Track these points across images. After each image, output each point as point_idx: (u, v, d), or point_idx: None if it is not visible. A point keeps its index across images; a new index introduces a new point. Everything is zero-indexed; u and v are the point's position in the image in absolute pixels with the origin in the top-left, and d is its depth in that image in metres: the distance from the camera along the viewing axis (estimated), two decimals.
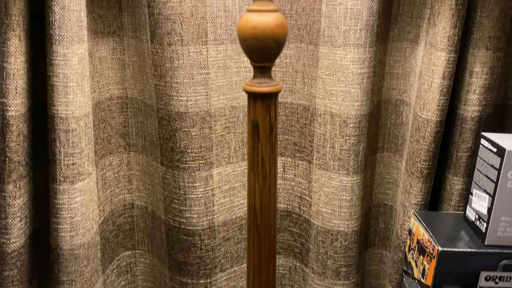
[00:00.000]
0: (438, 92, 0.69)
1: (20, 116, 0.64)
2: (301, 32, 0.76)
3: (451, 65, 0.67)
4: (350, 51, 0.70)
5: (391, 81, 0.81)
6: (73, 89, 0.65)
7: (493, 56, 0.69)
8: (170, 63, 0.70)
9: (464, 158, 0.73)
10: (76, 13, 0.63)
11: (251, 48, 0.50)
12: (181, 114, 0.73)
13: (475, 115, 0.71)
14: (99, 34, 0.75)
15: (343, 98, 0.73)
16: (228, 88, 0.77)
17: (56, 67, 0.63)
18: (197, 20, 0.70)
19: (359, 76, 0.71)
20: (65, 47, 0.63)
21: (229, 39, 0.74)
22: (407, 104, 0.80)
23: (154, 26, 0.69)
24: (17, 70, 0.62)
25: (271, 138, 0.53)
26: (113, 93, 0.79)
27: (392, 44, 0.79)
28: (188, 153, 0.75)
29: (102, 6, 0.74)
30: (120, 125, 0.82)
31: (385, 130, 0.84)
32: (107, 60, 0.77)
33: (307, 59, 0.77)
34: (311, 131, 0.79)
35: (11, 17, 0.60)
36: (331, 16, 0.71)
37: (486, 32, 0.68)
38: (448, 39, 0.66)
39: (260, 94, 0.52)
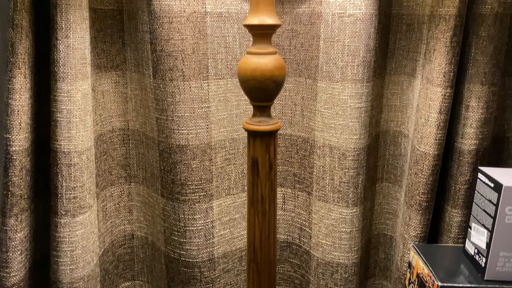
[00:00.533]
0: (435, 126, 0.70)
1: (23, 151, 0.65)
2: (300, 67, 0.78)
3: (447, 100, 0.69)
4: (348, 86, 0.72)
5: (389, 113, 0.82)
6: (76, 124, 0.66)
7: (488, 91, 0.70)
8: (171, 98, 0.72)
9: (462, 191, 0.74)
10: (80, 51, 0.65)
11: (251, 89, 0.52)
12: (182, 147, 0.74)
13: (472, 148, 0.72)
14: (102, 69, 0.77)
15: (341, 131, 0.74)
16: (228, 121, 0.78)
17: (60, 103, 0.64)
18: (199, 57, 0.72)
19: (357, 110, 0.72)
20: (69, 84, 0.64)
21: (229, 73, 0.76)
22: (405, 135, 0.81)
23: (157, 62, 0.71)
24: (21, 106, 0.63)
25: (271, 175, 0.54)
26: (115, 125, 0.81)
27: (389, 77, 0.80)
28: (189, 185, 0.75)
29: (105, 42, 0.76)
30: (121, 157, 0.83)
31: (384, 161, 0.85)
32: (109, 93, 0.79)
33: (306, 93, 0.78)
34: (310, 162, 0.80)
35: (17, 55, 0.62)
36: (328, 52, 0.73)
37: (481, 68, 0.69)
38: (444, 75, 0.68)
39: (259, 133, 0.53)
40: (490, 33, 0.67)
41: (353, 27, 0.69)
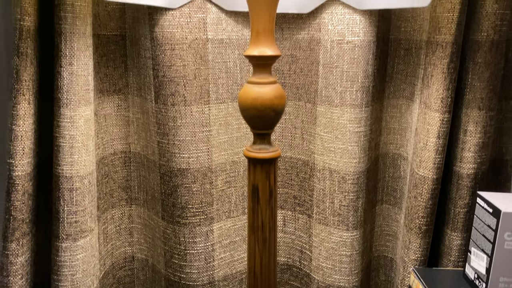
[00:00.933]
0: (434, 151, 0.71)
1: (26, 176, 0.66)
2: (300, 91, 0.79)
3: (445, 125, 0.70)
4: (347, 110, 0.73)
5: (388, 136, 0.83)
6: (79, 149, 0.67)
7: (485, 116, 0.71)
8: (173, 122, 0.73)
9: (461, 214, 0.74)
10: (83, 77, 0.66)
11: (252, 118, 0.52)
12: (183, 170, 0.74)
13: (470, 172, 0.73)
14: (104, 93, 0.78)
15: (341, 155, 0.75)
16: (229, 144, 0.79)
17: (63, 129, 0.65)
18: (200, 82, 0.73)
19: (356, 135, 0.73)
20: (72, 110, 0.65)
21: (230, 97, 0.77)
22: (404, 158, 0.82)
23: (159, 88, 0.72)
24: (25, 132, 0.64)
25: (271, 202, 0.55)
26: (116, 148, 0.81)
27: (388, 101, 0.81)
28: (189, 208, 0.76)
29: (108, 66, 0.77)
30: (122, 179, 0.83)
31: (384, 183, 0.85)
32: (111, 116, 0.80)
33: (305, 116, 0.79)
34: (310, 185, 0.80)
35: (22, 82, 0.63)
36: (328, 78, 0.74)
37: (478, 94, 0.70)
38: (442, 100, 0.69)
39: (260, 160, 0.54)
40: (487, 59, 0.69)
41: (351, 53, 0.71)
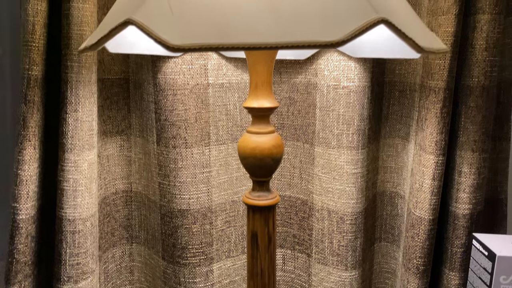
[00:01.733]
0: (429, 192, 0.72)
1: (30, 219, 0.67)
2: (298, 132, 0.81)
3: (440, 167, 0.71)
4: (344, 152, 0.75)
5: (385, 175, 0.84)
6: (82, 192, 0.68)
7: (479, 158, 0.73)
8: (174, 164, 0.74)
9: (459, 254, 0.75)
10: (88, 123, 0.68)
11: (251, 166, 0.54)
12: (183, 211, 0.76)
13: (466, 213, 0.74)
14: (107, 134, 0.80)
15: (339, 195, 0.76)
16: (229, 184, 0.80)
17: (67, 173, 0.67)
18: (201, 125, 0.75)
19: (353, 176, 0.75)
20: (76, 154, 0.67)
21: (230, 138, 0.79)
22: (402, 196, 0.83)
23: (161, 130, 0.74)
24: (30, 176, 0.66)
25: (270, 248, 0.56)
26: (118, 187, 0.83)
27: (384, 140, 0.83)
28: (189, 249, 0.77)
29: (111, 109, 0.80)
30: (123, 218, 0.84)
31: (382, 221, 0.86)
32: (114, 157, 0.81)
33: (303, 156, 0.81)
34: (309, 225, 0.82)
35: (28, 129, 0.65)
36: (324, 120, 0.76)
37: (471, 136, 0.72)
38: (436, 143, 0.71)
39: (259, 207, 0.55)
40: (478, 104, 0.71)
41: (347, 98, 0.73)
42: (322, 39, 0.34)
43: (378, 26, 0.35)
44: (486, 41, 0.69)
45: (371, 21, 0.35)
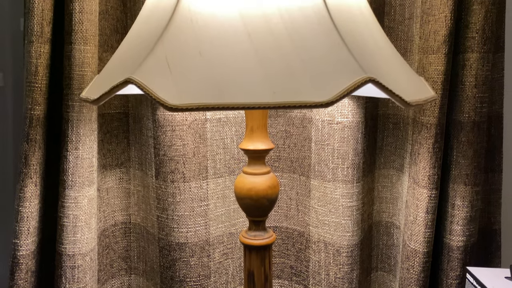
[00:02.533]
0: (424, 225, 0.73)
1: (30, 254, 0.68)
2: (294, 164, 0.82)
3: (433, 201, 0.73)
4: (339, 186, 0.76)
5: (380, 205, 0.86)
6: (81, 228, 0.69)
7: (471, 191, 0.74)
8: (172, 198, 0.76)
9: (454, 286, 0.76)
10: (88, 160, 0.70)
11: (247, 206, 0.56)
12: (181, 244, 0.77)
13: (460, 245, 0.75)
14: (107, 167, 0.81)
15: (335, 228, 0.77)
16: (226, 216, 0.81)
17: (67, 209, 0.68)
18: (199, 159, 0.76)
19: (349, 209, 0.76)
20: (76, 191, 0.68)
21: (227, 171, 0.81)
22: (397, 227, 0.84)
23: (159, 165, 0.75)
24: (30, 212, 0.67)
25: (266, 287, 0.57)
26: (117, 219, 0.84)
27: (379, 171, 0.85)
28: (187, 282, 0.77)
29: (111, 142, 0.81)
30: (122, 249, 0.85)
31: (378, 251, 0.87)
32: (113, 189, 0.83)
33: (300, 189, 0.82)
34: (306, 256, 0.82)
35: (30, 167, 0.66)
36: (320, 154, 0.78)
37: (463, 170, 0.74)
38: (429, 178, 0.72)
39: (255, 247, 0.56)
40: (469, 138, 0.73)
41: (341, 133, 0.75)
42: (312, 99, 0.36)
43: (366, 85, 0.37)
44: (476, 79, 0.71)
45: (359, 81, 0.37)
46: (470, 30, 0.71)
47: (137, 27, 0.48)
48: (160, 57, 0.39)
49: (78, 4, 0.65)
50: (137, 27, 0.48)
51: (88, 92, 0.50)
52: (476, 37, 0.70)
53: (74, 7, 0.65)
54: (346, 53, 0.39)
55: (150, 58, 0.39)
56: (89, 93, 0.49)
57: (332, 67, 0.38)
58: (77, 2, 0.65)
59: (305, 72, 0.37)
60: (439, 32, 0.69)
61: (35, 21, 0.64)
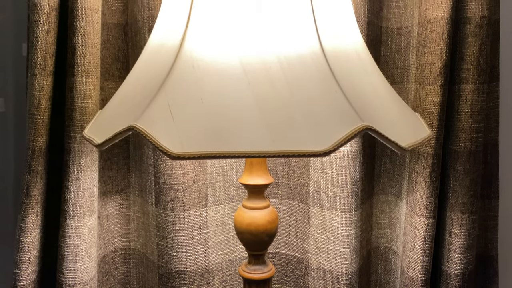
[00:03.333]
0: (421, 254, 0.74)
1: (30, 284, 0.68)
2: (293, 191, 0.83)
3: (430, 229, 0.73)
4: (338, 214, 0.77)
5: (379, 230, 0.86)
6: (82, 257, 0.70)
7: (468, 219, 0.75)
8: (172, 226, 0.76)
9: None
10: (89, 190, 0.70)
11: (247, 241, 0.56)
12: (181, 272, 0.77)
13: (458, 272, 0.75)
14: (107, 194, 0.82)
15: (334, 256, 0.78)
16: (225, 244, 0.82)
17: (68, 239, 0.69)
18: (198, 187, 0.77)
19: (347, 237, 0.77)
20: (77, 221, 0.69)
21: (227, 198, 0.81)
22: (395, 252, 0.85)
23: (159, 193, 0.76)
24: (31, 242, 0.68)
25: None
26: (117, 245, 0.84)
27: (377, 197, 0.86)
28: None
29: (112, 169, 0.82)
30: (122, 275, 0.85)
31: (377, 276, 0.87)
32: (113, 216, 0.83)
33: (299, 215, 0.83)
34: (305, 283, 0.83)
35: (31, 197, 0.67)
36: (318, 182, 0.78)
37: (459, 198, 0.75)
38: (426, 206, 0.73)
39: (255, 281, 0.57)
40: (466, 167, 0.74)
41: (339, 162, 0.76)
42: (310, 148, 0.37)
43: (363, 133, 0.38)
44: (471, 109, 0.72)
45: (356, 129, 0.38)
46: (465, 62, 0.72)
47: (140, 69, 0.49)
48: (162, 104, 0.40)
49: (81, 38, 0.66)
50: (140, 68, 0.50)
51: (91, 130, 0.51)
52: (471, 69, 0.72)
53: (77, 41, 0.66)
54: (343, 101, 0.40)
55: (153, 105, 0.40)
56: (92, 131, 0.50)
57: (330, 115, 0.39)
58: (80, 36, 0.66)
59: (304, 121, 0.38)
60: (434, 64, 0.71)
61: (38, 54, 0.65)
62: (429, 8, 0.71)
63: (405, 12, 0.80)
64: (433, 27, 0.71)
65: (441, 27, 0.70)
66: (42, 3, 0.65)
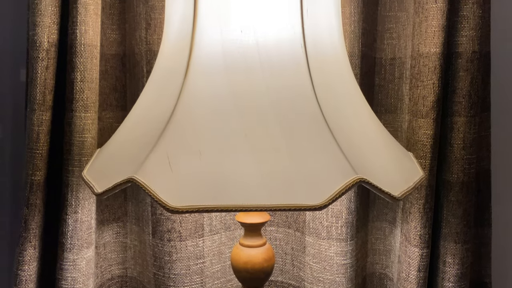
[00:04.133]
0: (416, 283, 0.75)
1: None
2: (289, 220, 0.84)
3: (424, 259, 0.74)
4: (333, 244, 0.78)
5: (374, 257, 0.87)
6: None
7: (462, 249, 0.76)
8: (169, 257, 0.77)
9: None
10: (87, 223, 0.71)
11: (244, 279, 0.57)
12: None
13: None
14: (104, 223, 0.82)
15: (329, 285, 0.79)
16: (222, 273, 0.82)
17: (65, 272, 0.69)
18: (195, 217, 0.78)
19: (343, 267, 0.78)
20: (75, 253, 0.69)
21: (223, 228, 0.82)
22: (390, 279, 0.86)
23: (156, 224, 0.77)
24: (29, 275, 0.68)
25: None
26: (114, 273, 0.85)
27: (372, 224, 0.86)
28: None
29: (109, 198, 0.82)
30: None
31: None
32: (110, 244, 0.84)
33: (295, 244, 0.84)
34: None
35: (29, 231, 0.67)
36: (314, 212, 0.79)
37: (453, 228, 0.76)
38: (420, 237, 0.74)
39: None
40: (459, 198, 0.75)
41: None
42: (306, 202, 0.38)
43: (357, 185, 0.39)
44: (463, 141, 0.74)
45: (350, 182, 0.39)
46: (457, 95, 0.73)
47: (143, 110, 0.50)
48: (161, 154, 0.41)
49: (79, 73, 0.67)
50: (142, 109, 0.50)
51: (90, 172, 0.52)
52: (463, 102, 0.73)
53: (76, 76, 0.67)
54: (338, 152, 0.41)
55: (152, 155, 0.41)
56: (91, 173, 0.51)
57: (325, 168, 0.40)
58: (79, 71, 0.67)
59: (299, 174, 0.39)
60: (427, 98, 0.72)
61: (37, 90, 0.66)
62: (422, 43, 0.73)
63: (398, 43, 0.82)
64: (425, 61, 0.72)
65: (434, 62, 0.71)
66: (41, 39, 0.66)
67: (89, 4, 0.67)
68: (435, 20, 0.71)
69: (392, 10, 0.82)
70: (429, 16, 0.71)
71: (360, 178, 0.39)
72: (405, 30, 0.80)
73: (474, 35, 0.72)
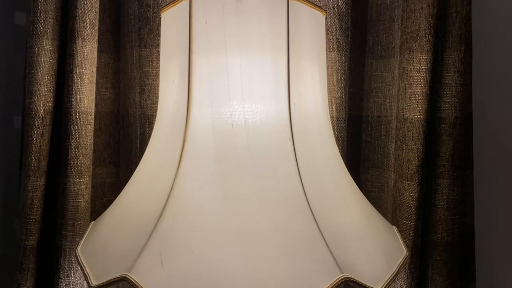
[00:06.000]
0: None
1: None
2: None
3: None
4: None
5: None
6: None
7: None
8: None
9: None
10: (79, 285, 0.71)
11: None
12: None
13: None
14: None
15: None
16: None
17: None
18: None
19: None
20: None
21: None
22: None
23: None
24: None
25: None
26: None
27: None
28: None
29: None
30: None
31: None
32: None
33: None
34: None
35: None
36: None
37: (438, 287, 0.78)
38: None
39: None
40: (443, 257, 0.77)
41: None
42: None
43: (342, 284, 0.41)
44: (447, 202, 0.76)
45: (336, 282, 0.41)
46: (440, 159, 0.76)
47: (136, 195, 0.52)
48: (154, 251, 0.43)
49: (74, 140, 0.69)
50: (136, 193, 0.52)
51: (84, 251, 0.53)
52: (446, 165, 0.76)
53: (71, 143, 0.69)
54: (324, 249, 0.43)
55: (145, 253, 0.43)
56: (85, 253, 0.52)
57: (312, 265, 0.42)
58: (74, 139, 0.69)
59: (288, 273, 0.41)
60: (412, 162, 0.75)
61: (32, 157, 0.68)
62: (406, 108, 0.76)
63: (384, 102, 0.85)
64: (410, 126, 0.75)
65: (418, 128, 0.74)
66: (37, 108, 0.67)
67: (85, 74, 0.69)
68: (418, 88, 0.74)
69: (378, 70, 0.85)
70: (413, 84, 0.74)
71: (345, 277, 0.41)
72: (391, 90, 0.83)
73: (456, 102, 0.75)
